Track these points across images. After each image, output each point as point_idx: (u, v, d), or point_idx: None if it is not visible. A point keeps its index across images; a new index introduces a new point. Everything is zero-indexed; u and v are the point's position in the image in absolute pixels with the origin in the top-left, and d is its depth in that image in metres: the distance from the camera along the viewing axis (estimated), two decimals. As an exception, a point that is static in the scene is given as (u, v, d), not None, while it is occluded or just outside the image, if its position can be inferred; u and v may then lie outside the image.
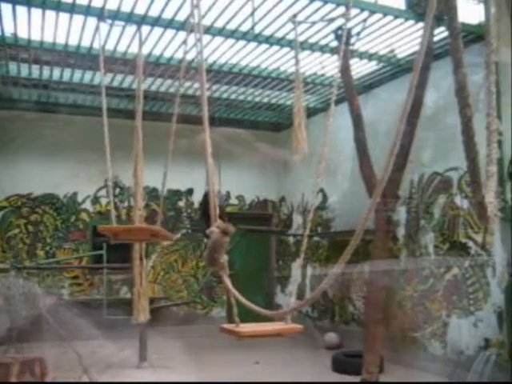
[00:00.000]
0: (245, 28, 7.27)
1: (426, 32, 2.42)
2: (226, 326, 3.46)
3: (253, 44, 7.75)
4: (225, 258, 3.13)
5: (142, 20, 6.66)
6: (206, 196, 9.20)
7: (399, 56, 8.21)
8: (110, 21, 6.62)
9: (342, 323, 9.98)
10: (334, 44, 7.58)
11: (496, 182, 2.41)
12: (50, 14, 6.65)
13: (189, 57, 7.22)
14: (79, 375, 6.49)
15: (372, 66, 8.72)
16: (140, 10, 6.63)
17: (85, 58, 8.10)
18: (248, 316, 3.33)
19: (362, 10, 6.72)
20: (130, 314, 5.29)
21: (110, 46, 7.60)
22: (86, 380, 6.46)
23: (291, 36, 7.07)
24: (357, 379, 6.50)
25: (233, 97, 10.11)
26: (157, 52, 7.92)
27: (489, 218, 2.30)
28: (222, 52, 8.02)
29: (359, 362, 6.62)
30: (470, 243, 7.22)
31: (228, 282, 3.18)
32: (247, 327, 3.33)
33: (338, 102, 5.04)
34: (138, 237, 4.62)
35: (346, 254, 2.41)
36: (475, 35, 6.70)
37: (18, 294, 7.80)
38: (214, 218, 3.16)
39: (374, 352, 6.50)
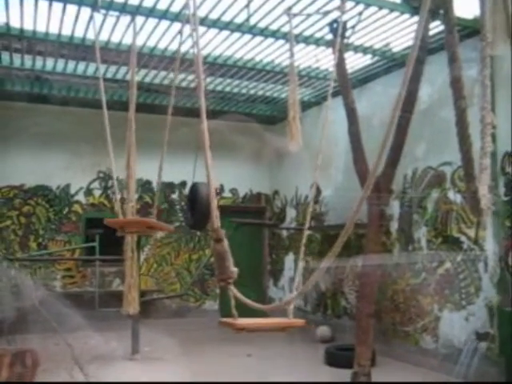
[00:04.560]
0: (239, 20, 7.23)
1: (421, 25, 2.40)
2: (224, 319, 3.43)
3: (247, 36, 7.71)
4: (234, 270, 3.06)
5: (136, 10, 6.61)
6: (192, 188, 9.17)
7: (394, 50, 8.19)
8: (103, 11, 6.57)
9: (334, 317, 10.01)
10: (329, 37, 7.55)
11: (489, 175, 2.40)
12: (43, 3, 6.59)
13: (183, 48, 7.24)
14: (71, 367, 6.48)
15: (367, 59, 8.70)
16: (134, 1, 6.58)
17: (78, 49, 8.05)
18: (245, 310, 3.32)
19: (358, 3, 6.70)
20: (122, 306, 5.28)
21: (103, 37, 7.54)
22: (78, 372, 6.45)
23: (286, 28, 7.06)
24: (349, 372, 6.51)
25: (227, 89, 10.07)
26: (151, 43, 7.87)
27: (481, 211, 2.29)
28: (216, 44, 7.97)
29: (351, 355, 6.64)
30: (463, 238, 7.24)
31: (233, 288, 3.15)
32: (246, 321, 3.31)
33: (333, 95, 5.03)
34: (136, 229, 4.61)
35: (336, 247, 2.37)
36: (470, 30, 6.69)
37: (9, 285, 7.77)
38: (215, 220, 3.07)
39: (366, 345, 6.51)
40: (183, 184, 11.73)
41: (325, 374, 7.33)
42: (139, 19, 6.79)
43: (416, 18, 6.96)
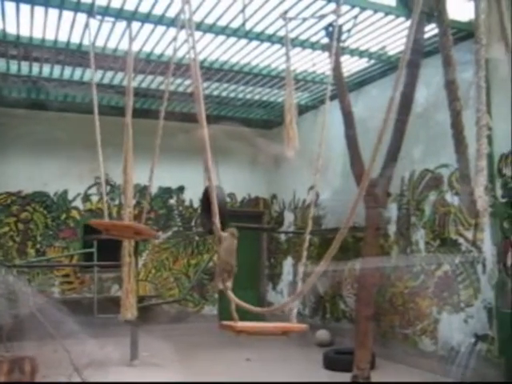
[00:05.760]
0: (235, 25, 7.25)
1: (412, 28, 2.41)
2: (225, 322, 3.46)
3: (244, 41, 7.73)
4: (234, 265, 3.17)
5: (132, 16, 6.63)
6: (206, 191, 9.16)
7: (390, 53, 8.21)
8: (99, 17, 6.58)
9: (333, 320, 10.00)
10: (325, 41, 7.57)
11: (486, 177, 2.40)
12: (39, 9, 6.60)
13: (180, 53, 7.25)
14: (69, 373, 6.45)
15: (363, 63, 8.72)
16: (130, 6, 6.59)
17: (75, 55, 8.05)
18: (245, 315, 3.33)
19: (353, 6, 6.72)
20: (120, 312, 5.27)
21: (100, 43, 7.55)
22: (77, 378, 6.43)
23: (282, 33, 7.05)
24: (348, 376, 6.50)
25: (223, 94, 10.09)
26: (147, 48, 7.88)
27: (478, 213, 2.29)
28: (212, 49, 7.99)
29: (350, 359, 6.62)
30: (461, 240, 7.24)
31: (231, 293, 3.20)
32: (246, 324, 3.34)
33: (329, 99, 5.04)
34: (124, 233, 4.59)
35: (332, 249, 2.38)
36: (465, 32, 6.72)
37: (7, 292, 7.75)
38: (217, 220, 3.17)
39: (365, 348, 6.50)
40: (181, 189, 11.73)
41: (324, 378, 7.32)
42: (135, 25, 6.82)
43: (411, 21, 6.97)
